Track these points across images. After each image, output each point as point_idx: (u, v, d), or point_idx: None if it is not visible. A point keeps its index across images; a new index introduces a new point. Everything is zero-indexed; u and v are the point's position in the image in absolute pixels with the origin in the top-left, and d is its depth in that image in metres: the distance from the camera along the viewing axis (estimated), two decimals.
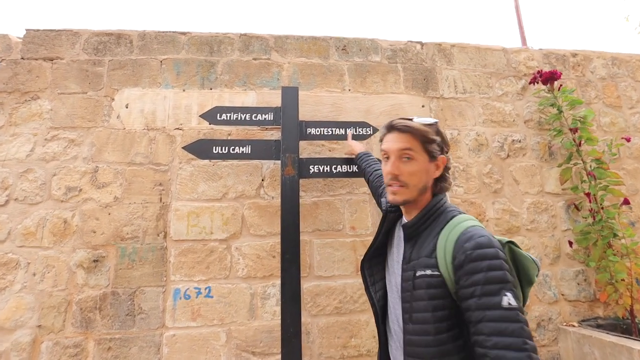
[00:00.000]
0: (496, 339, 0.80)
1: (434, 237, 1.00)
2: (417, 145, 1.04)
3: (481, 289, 0.84)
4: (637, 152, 2.89)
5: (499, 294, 0.83)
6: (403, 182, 1.04)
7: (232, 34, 2.56)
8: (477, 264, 0.87)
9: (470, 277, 0.87)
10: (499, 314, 0.82)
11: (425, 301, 0.95)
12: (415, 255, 1.02)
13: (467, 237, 0.91)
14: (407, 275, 1.01)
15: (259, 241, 2.30)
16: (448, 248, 0.93)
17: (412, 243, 1.05)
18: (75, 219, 2.19)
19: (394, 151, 1.05)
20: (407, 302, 1.00)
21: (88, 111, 2.34)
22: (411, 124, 1.05)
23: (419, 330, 0.95)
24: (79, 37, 2.44)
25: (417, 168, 1.04)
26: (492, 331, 0.81)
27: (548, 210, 2.65)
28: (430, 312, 0.93)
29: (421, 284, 0.96)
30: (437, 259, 0.95)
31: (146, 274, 2.18)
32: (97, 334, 2.08)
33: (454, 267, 0.91)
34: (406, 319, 0.99)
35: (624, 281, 2.34)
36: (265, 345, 2.18)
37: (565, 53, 2.97)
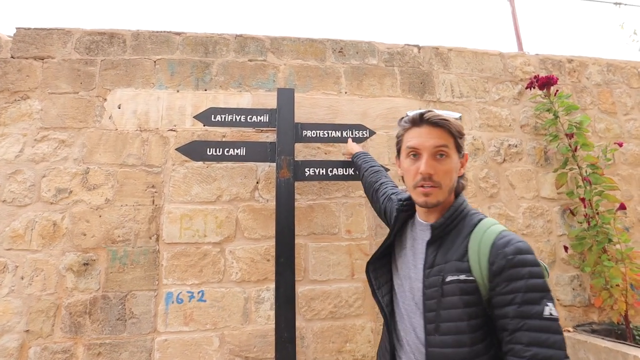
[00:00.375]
0: (536, 349, 0.76)
1: (462, 239, 0.93)
2: (451, 141, 0.97)
3: (522, 296, 0.80)
4: (631, 158, 2.90)
5: (540, 303, 0.79)
6: (437, 183, 0.94)
7: (227, 35, 2.53)
8: (518, 270, 0.82)
9: (510, 284, 0.82)
10: (540, 323, 0.77)
11: (459, 309, 0.87)
12: (441, 259, 0.93)
13: (506, 242, 0.86)
14: (432, 280, 0.93)
15: (253, 245, 2.27)
16: (483, 252, 0.87)
17: (437, 246, 0.97)
18: (65, 221, 2.15)
19: (427, 148, 0.95)
20: (431, 310, 0.91)
21: (79, 111, 2.30)
22: (448, 117, 0.97)
23: (451, 341, 0.86)
24: (70, 36, 2.39)
25: (451, 166, 0.97)
26: (531, 341, 0.76)
27: (544, 215, 2.65)
28: (466, 320, 0.86)
29: (454, 290, 0.88)
30: (470, 262, 0.88)
31: (138, 277, 2.14)
32: (87, 339, 2.03)
33: (491, 272, 0.85)
34: (430, 329, 0.90)
35: (619, 286, 2.35)
36: (259, 350, 2.14)
37: (562, 59, 2.98)
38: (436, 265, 0.94)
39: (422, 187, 0.95)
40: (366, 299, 2.30)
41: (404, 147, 1.04)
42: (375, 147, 2.52)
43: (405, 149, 1.02)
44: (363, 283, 2.31)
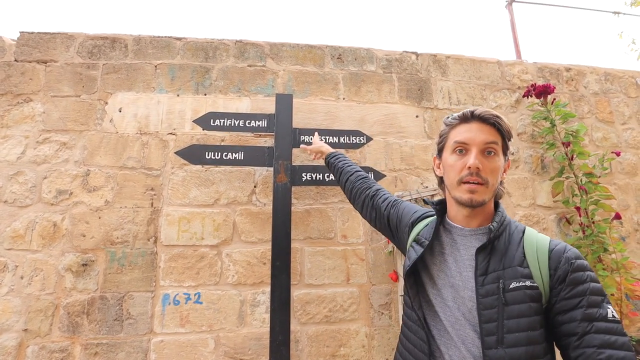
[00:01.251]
0: (609, 351, 0.75)
1: (516, 246, 0.90)
2: (500, 140, 0.95)
3: (587, 300, 0.80)
4: (628, 167, 2.91)
5: (602, 306, 0.80)
6: (484, 179, 0.91)
7: (227, 40, 2.57)
8: (580, 275, 0.83)
9: (575, 288, 0.82)
10: (607, 326, 0.78)
11: (527, 318, 0.82)
12: (497, 265, 0.88)
13: (563, 247, 0.87)
14: (489, 288, 0.87)
15: (250, 248, 2.30)
16: (542, 257, 0.86)
17: (488, 252, 0.91)
18: (65, 222, 2.18)
19: (477, 143, 0.92)
20: (492, 321, 0.84)
21: (81, 114, 2.34)
22: (500, 116, 0.94)
23: (523, 354, 0.80)
24: (73, 40, 2.44)
25: (498, 165, 0.93)
26: (603, 344, 0.76)
27: (540, 223, 2.66)
28: (538, 330, 0.82)
29: (521, 297, 0.83)
30: (531, 269, 0.86)
31: (135, 278, 2.17)
32: (84, 338, 2.06)
33: (554, 277, 0.84)
34: (490, 342, 0.83)
35: (614, 296, 2.35)
36: (253, 352, 2.17)
37: (559, 67, 3.00)
38: (491, 272, 0.88)
39: (469, 184, 0.92)
40: (361, 303, 2.32)
41: (449, 144, 1.00)
42: (373, 154, 2.54)
43: (452, 145, 0.98)
44: (358, 288, 2.33)
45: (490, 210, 0.99)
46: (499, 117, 0.94)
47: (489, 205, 0.98)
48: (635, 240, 2.79)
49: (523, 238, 0.91)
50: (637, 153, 2.96)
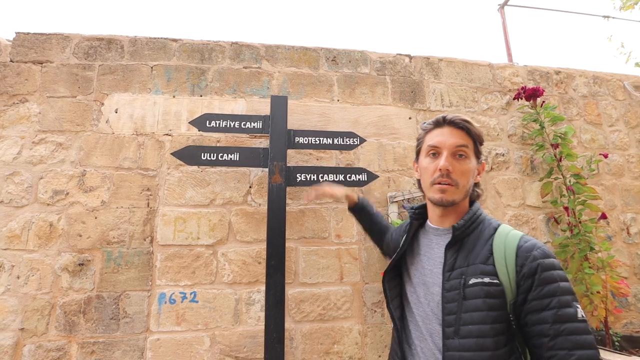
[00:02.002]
0: (579, 352, 0.77)
1: (484, 243, 0.93)
2: (471, 144, 0.99)
3: (558, 300, 0.81)
4: (615, 168, 2.98)
5: (572, 306, 0.81)
6: (454, 181, 0.96)
7: (223, 42, 2.60)
8: (550, 273, 0.83)
9: (545, 287, 0.82)
10: (577, 326, 0.79)
11: (482, 312, 0.86)
12: (462, 262, 0.93)
13: (531, 245, 0.88)
14: (453, 283, 0.91)
15: (245, 247, 2.34)
16: (509, 255, 0.88)
17: (456, 249, 0.96)
18: (61, 222, 2.20)
19: (448, 146, 0.97)
20: (451, 313, 0.89)
21: (77, 115, 2.35)
22: (469, 120, 1.00)
23: (473, 345, 0.85)
24: (69, 41, 2.45)
25: (469, 167, 0.98)
26: (574, 345, 0.78)
27: (529, 222, 2.73)
28: (489, 324, 0.85)
29: (477, 292, 0.87)
30: (496, 266, 0.88)
31: (132, 278, 2.19)
32: (81, 337, 2.08)
33: (520, 274, 0.85)
34: (449, 333, 0.88)
35: (599, 293, 2.42)
36: (249, 350, 2.20)
37: (549, 70, 3.06)
38: (457, 269, 0.92)
39: (439, 184, 0.97)
40: (354, 301, 2.36)
41: (424, 148, 1.05)
42: (366, 155, 2.59)
43: (426, 148, 1.03)
44: (352, 286, 2.38)
45: (464, 210, 1.02)
46: (468, 122, 0.99)
47: (462, 206, 1.02)
48: (622, 239, 2.87)
49: (494, 236, 0.94)
50: (624, 154, 3.04)
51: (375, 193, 2.53)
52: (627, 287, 2.41)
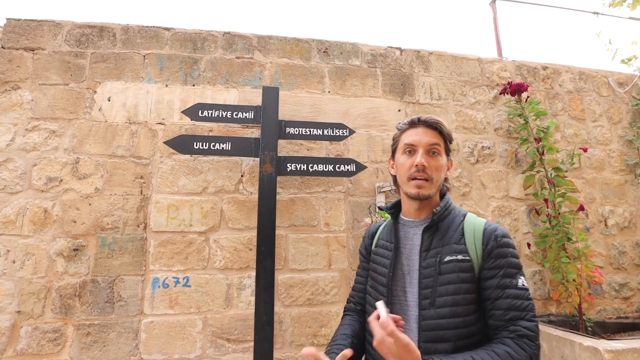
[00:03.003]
0: (513, 312, 0.94)
1: (456, 227, 1.07)
2: (442, 142, 1.10)
3: (504, 271, 0.98)
4: (596, 162, 3.09)
5: (516, 277, 0.98)
6: (429, 176, 1.06)
7: (215, 32, 2.61)
8: (504, 250, 1.00)
9: (496, 260, 0.99)
10: (515, 292, 0.96)
11: (456, 284, 0.99)
12: (438, 243, 1.05)
13: (494, 228, 1.04)
14: (429, 261, 1.04)
15: (236, 234, 2.41)
16: (477, 236, 1.03)
17: (431, 232, 1.08)
18: (55, 208, 2.25)
19: (423, 144, 1.08)
20: (428, 287, 1.01)
21: (69, 103, 2.37)
22: (441, 121, 1.10)
23: (447, 313, 0.97)
24: (61, 28, 2.45)
25: (441, 164, 1.09)
26: (509, 306, 0.95)
27: (511, 213, 2.83)
28: (462, 294, 0.98)
29: (452, 268, 1.00)
30: (467, 245, 1.02)
31: (126, 263, 2.26)
32: (77, 319, 2.16)
33: (485, 251, 1.01)
34: (426, 304, 1.00)
35: (575, 281, 2.54)
36: (239, 332, 2.30)
37: (537, 66, 3.13)
38: (433, 249, 1.05)
39: (416, 180, 1.06)
40: (342, 287, 2.46)
41: (400, 146, 1.14)
42: (356, 145, 2.65)
43: (402, 147, 1.12)
44: (339, 273, 2.47)
45: (436, 203, 1.14)
46: (440, 123, 1.10)
47: (435, 199, 1.13)
48: (599, 230, 3.00)
49: (464, 221, 1.08)
50: (605, 149, 3.14)
51: (364, 183, 2.60)
52: (600, 276, 2.53)
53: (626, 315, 2.87)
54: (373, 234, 1.30)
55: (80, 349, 2.13)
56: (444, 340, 0.97)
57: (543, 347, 2.42)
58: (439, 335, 0.97)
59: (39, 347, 2.09)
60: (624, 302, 2.91)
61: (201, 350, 2.24)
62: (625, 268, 2.96)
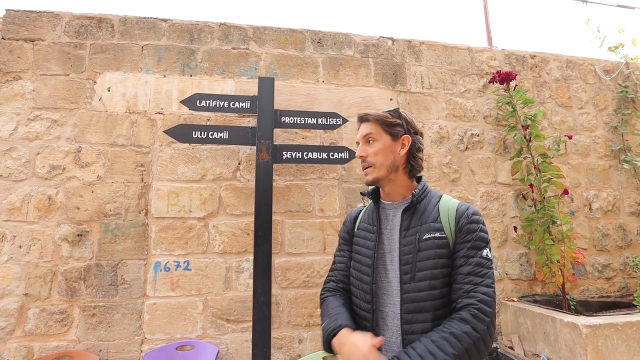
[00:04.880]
0: (472, 277, 1.05)
1: (433, 207, 1.16)
2: (377, 129, 1.18)
3: (471, 244, 1.08)
4: (582, 148, 3.19)
5: (481, 249, 1.08)
6: (370, 162, 1.17)
7: (212, 23, 2.67)
8: (473, 226, 1.11)
9: (466, 235, 1.09)
10: (478, 260, 1.07)
11: (433, 260, 1.08)
12: (416, 222, 1.14)
13: (466, 207, 1.15)
14: (409, 239, 1.13)
15: (234, 220, 2.50)
16: (451, 215, 1.13)
17: (410, 213, 1.17)
18: (59, 195, 2.33)
19: (360, 138, 1.21)
20: (408, 263, 1.10)
21: (70, 93, 2.44)
22: (370, 112, 1.21)
23: (426, 285, 1.07)
24: (60, 19, 2.50)
25: (380, 148, 1.17)
26: (470, 272, 1.05)
27: (499, 198, 2.94)
28: (440, 268, 1.08)
29: (430, 245, 1.09)
30: (442, 223, 1.12)
31: (128, 248, 2.35)
32: (82, 301, 2.25)
33: (457, 228, 1.11)
34: (407, 279, 1.09)
35: (558, 262, 2.66)
36: (238, 313, 2.41)
37: (525, 54, 3.21)
38: (412, 228, 1.14)
39: (363, 169, 1.20)
40: None
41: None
42: (349, 134, 2.74)
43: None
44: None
45: (405, 183, 1.22)
46: (368, 114, 1.21)
47: (400, 180, 1.21)
48: (584, 214, 3.11)
49: (439, 202, 1.19)
50: (591, 136, 3.25)
51: (357, 170, 2.70)
52: (582, 257, 2.66)
53: (608, 295, 3.01)
54: (355, 217, 1.36)
55: (86, 329, 2.23)
56: (424, 311, 1.07)
57: (527, 325, 2.55)
58: (419, 307, 1.07)
59: (47, 328, 2.19)
60: (606, 282, 3.04)
61: (202, 330, 2.35)
62: (608, 250, 3.09)
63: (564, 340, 2.23)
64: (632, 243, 3.16)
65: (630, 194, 3.23)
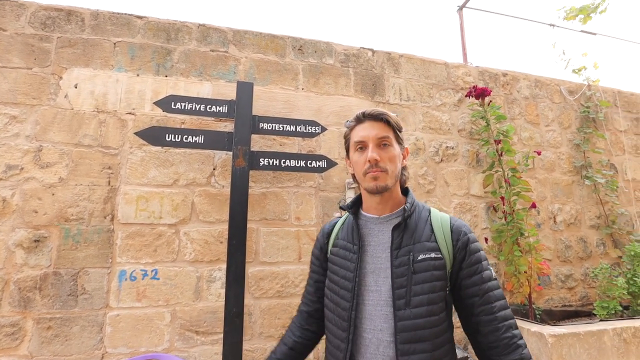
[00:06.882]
0: (497, 303, 1.01)
1: (424, 223, 1.06)
2: (391, 132, 1.07)
3: (481, 265, 1.04)
4: (548, 164, 3.35)
5: (487, 267, 1.05)
6: (383, 168, 1.03)
7: (190, 23, 2.59)
8: (476, 245, 1.06)
9: (473, 255, 1.03)
10: (494, 284, 1.04)
11: (429, 283, 0.99)
12: (408, 240, 1.04)
13: (460, 223, 1.08)
14: (401, 260, 1.02)
15: (207, 227, 2.41)
16: (446, 232, 1.05)
17: (401, 230, 1.05)
18: (15, 197, 2.15)
19: (372, 138, 1.06)
20: (402, 287, 0.99)
21: (33, 88, 2.28)
22: (387, 112, 1.08)
23: (424, 312, 0.97)
24: (24, 9, 2.34)
25: (395, 154, 1.06)
26: (494, 298, 1.01)
27: (472, 210, 3.02)
28: (437, 292, 0.99)
29: (426, 266, 1.00)
30: (438, 242, 1.03)
31: (91, 255, 2.21)
32: (37, 313, 2.08)
33: (456, 247, 1.03)
34: (401, 304, 0.98)
35: (525, 273, 2.76)
36: (209, 325, 2.31)
37: (497, 72, 3.34)
38: (404, 247, 1.03)
39: (371, 173, 1.04)
40: None
41: (351, 144, 1.12)
42: (327, 142, 2.73)
43: (353, 145, 1.10)
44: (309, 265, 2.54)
45: (398, 196, 1.13)
46: (386, 114, 1.08)
47: (396, 192, 1.12)
48: (549, 226, 3.25)
49: (430, 217, 1.09)
50: (556, 152, 3.41)
51: (335, 179, 2.69)
52: (547, 268, 2.76)
53: (570, 304, 3.15)
54: (329, 233, 1.23)
55: (40, 343, 2.06)
56: (422, 340, 0.97)
57: None
58: (417, 336, 0.96)
59: None
60: (569, 291, 3.18)
61: (169, 342, 2.24)
62: (571, 261, 3.24)
63: (531, 350, 2.30)
64: (592, 254, 3.33)
65: (590, 208, 3.41)
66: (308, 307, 1.25)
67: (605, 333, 2.32)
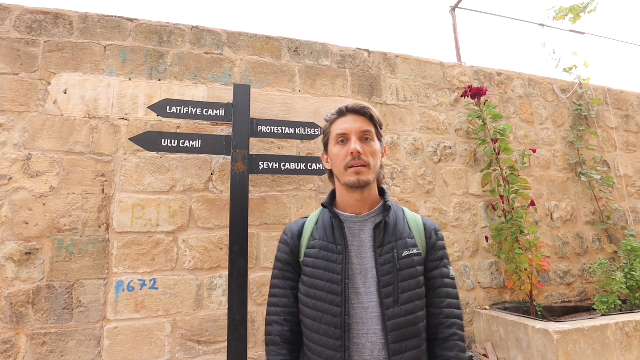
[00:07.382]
0: (448, 300, 1.06)
1: (402, 221, 1.09)
2: (373, 128, 1.06)
3: (443, 262, 1.09)
4: (543, 162, 3.38)
5: (448, 267, 1.10)
6: (366, 162, 1.01)
7: (183, 26, 2.53)
8: (442, 242, 1.12)
9: (438, 252, 1.09)
10: (450, 282, 1.08)
11: (415, 279, 1.01)
12: (390, 238, 1.04)
13: (431, 222, 1.14)
14: (386, 258, 1.01)
15: (206, 234, 2.35)
16: (421, 230, 1.09)
17: (382, 228, 1.04)
18: (4, 209, 2.06)
19: (355, 131, 1.03)
20: (389, 285, 0.98)
21: (20, 94, 2.19)
22: (369, 107, 1.07)
23: (413, 308, 0.99)
24: (9, 12, 2.25)
25: (376, 149, 1.05)
26: (446, 295, 1.06)
27: (471, 209, 3.02)
28: (422, 287, 1.03)
29: (410, 263, 1.02)
30: (416, 239, 1.07)
31: (86, 266, 2.12)
32: (30, 329, 2.00)
33: (429, 244, 1.09)
34: (390, 303, 0.97)
35: (527, 270, 2.77)
36: (210, 334, 2.25)
37: (492, 72, 3.36)
38: (387, 244, 1.02)
39: (354, 167, 1.00)
40: None
41: (332, 137, 1.08)
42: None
43: (334, 137, 1.06)
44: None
45: (376, 194, 1.11)
46: (369, 108, 1.07)
47: (374, 190, 1.10)
48: (546, 224, 3.28)
49: (405, 215, 1.13)
50: (551, 150, 3.45)
51: None
52: (548, 265, 2.78)
53: (569, 300, 3.18)
54: (299, 234, 1.13)
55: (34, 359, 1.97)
56: (414, 336, 0.97)
57: (500, 332, 2.61)
58: (408, 333, 0.96)
59: None
60: (567, 287, 3.21)
61: (170, 354, 2.17)
62: (568, 257, 3.27)
63: (536, 347, 2.30)
64: (589, 250, 3.37)
65: (586, 205, 3.45)
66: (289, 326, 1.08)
67: (608, 328, 2.33)
